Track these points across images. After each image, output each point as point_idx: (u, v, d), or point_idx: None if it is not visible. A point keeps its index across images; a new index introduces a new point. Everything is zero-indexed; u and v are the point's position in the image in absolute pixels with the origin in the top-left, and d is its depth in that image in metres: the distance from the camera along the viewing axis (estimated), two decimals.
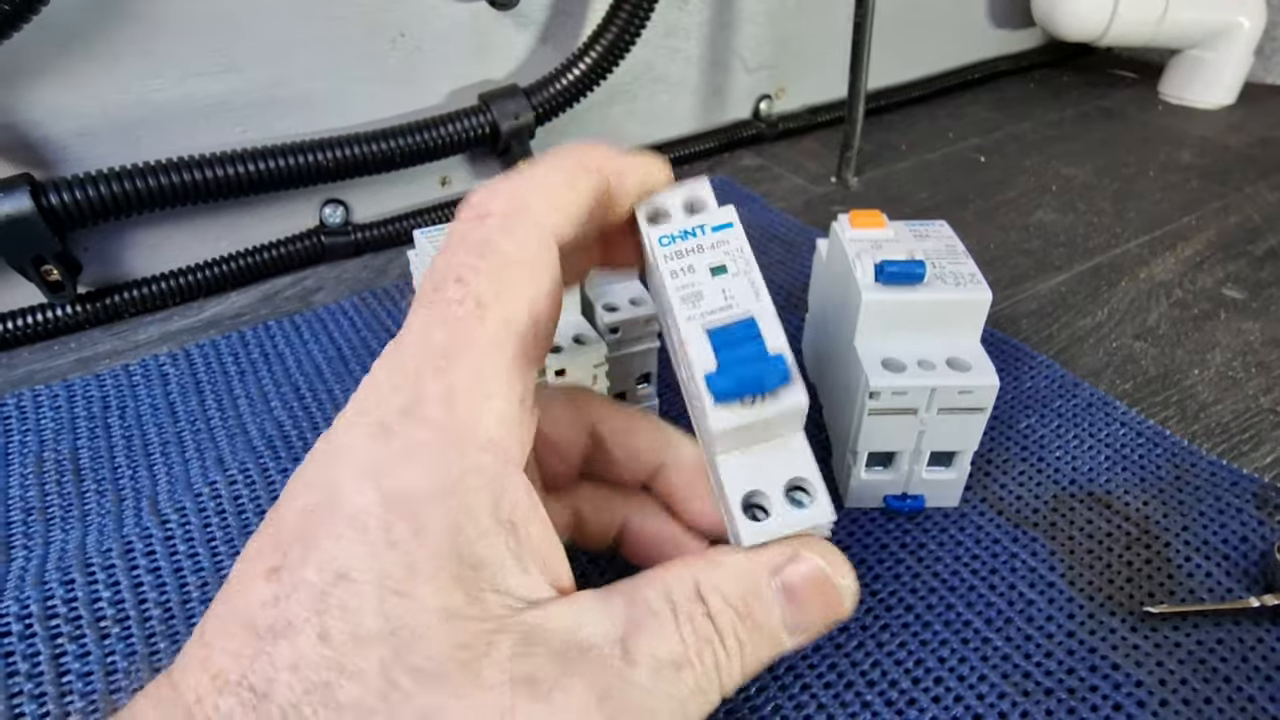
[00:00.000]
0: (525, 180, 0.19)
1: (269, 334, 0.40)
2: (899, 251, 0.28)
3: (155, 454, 0.33)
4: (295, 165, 0.42)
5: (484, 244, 0.18)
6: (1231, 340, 0.40)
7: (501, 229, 0.18)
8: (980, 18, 0.74)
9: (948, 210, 0.53)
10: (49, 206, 0.37)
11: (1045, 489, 0.31)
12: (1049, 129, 0.66)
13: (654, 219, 0.21)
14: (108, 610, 0.26)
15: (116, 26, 0.37)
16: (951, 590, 0.27)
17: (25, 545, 0.29)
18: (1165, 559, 0.28)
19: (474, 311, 0.17)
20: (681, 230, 0.20)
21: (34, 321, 0.40)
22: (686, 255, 0.20)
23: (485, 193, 0.19)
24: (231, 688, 0.14)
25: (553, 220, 0.19)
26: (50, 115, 0.38)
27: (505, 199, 0.18)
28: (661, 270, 0.20)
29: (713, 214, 0.21)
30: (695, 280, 0.20)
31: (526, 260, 0.18)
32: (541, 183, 0.19)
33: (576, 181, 0.19)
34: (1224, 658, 0.25)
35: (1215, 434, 0.35)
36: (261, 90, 0.42)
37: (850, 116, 0.55)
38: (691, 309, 0.19)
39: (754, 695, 0.24)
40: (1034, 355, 0.38)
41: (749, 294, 0.20)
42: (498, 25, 0.48)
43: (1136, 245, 0.49)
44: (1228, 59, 0.68)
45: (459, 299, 0.17)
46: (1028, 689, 0.24)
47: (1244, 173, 0.58)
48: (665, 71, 0.57)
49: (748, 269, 0.20)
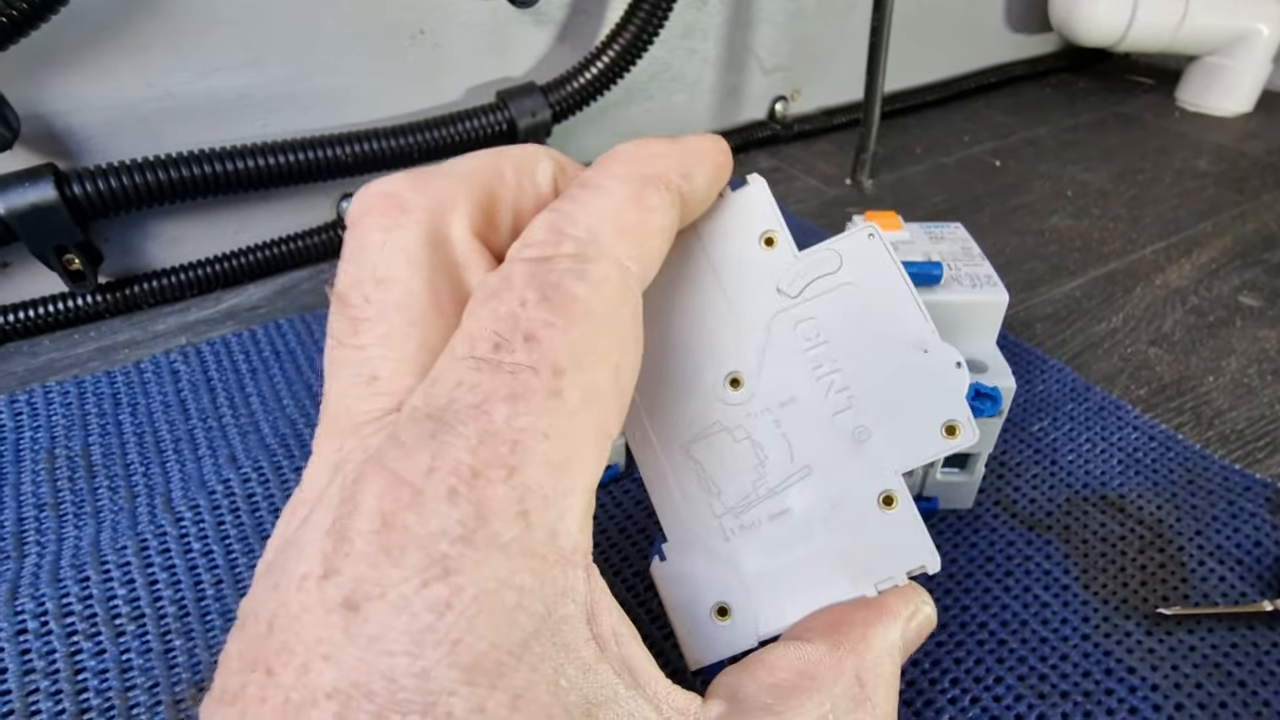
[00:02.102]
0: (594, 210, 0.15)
1: (280, 332, 0.40)
2: (915, 253, 0.28)
3: (168, 451, 0.33)
4: (314, 159, 0.42)
5: (556, 292, 0.14)
6: (1247, 347, 0.40)
7: (577, 274, 0.14)
8: (997, 22, 0.74)
9: (963, 214, 0.53)
10: (72, 196, 0.37)
11: (1059, 492, 0.31)
12: (1065, 134, 0.66)
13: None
14: (123, 608, 0.26)
15: (143, 20, 0.38)
16: (966, 592, 0.27)
17: (39, 542, 0.29)
18: (1179, 563, 0.28)
19: (551, 383, 0.13)
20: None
21: (55, 310, 0.40)
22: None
23: (547, 227, 0.15)
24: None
25: (637, 260, 0.15)
26: (75, 106, 0.38)
27: (575, 238, 0.15)
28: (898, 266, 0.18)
29: None
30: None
31: (609, 313, 0.14)
32: (615, 211, 0.15)
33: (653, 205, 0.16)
34: (1239, 661, 0.25)
35: (1230, 440, 0.34)
36: (282, 85, 0.43)
37: (866, 119, 0.55)
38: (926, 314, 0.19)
39: None
40: (1046, 359, 0.38)
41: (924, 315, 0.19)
42: (516, 23, 0.48)
43: (1152, 251, 0.49)
44: (1246, 66, 0.68)
45: (531, 364, 0.13)
46: (1044, 691, 0.24)
47: (1261, 180, 0.58)
48: (682, 71, 0.57)
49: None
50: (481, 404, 0.13)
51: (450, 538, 0.12)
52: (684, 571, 0.18)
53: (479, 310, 0.14)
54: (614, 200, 0.15)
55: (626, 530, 0.29)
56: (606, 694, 0.13)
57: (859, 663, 0.16)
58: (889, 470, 0.17)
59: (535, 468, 0.13)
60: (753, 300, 0.18)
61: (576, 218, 0.15)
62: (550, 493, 0.13)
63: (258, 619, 0.13)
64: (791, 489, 0.18)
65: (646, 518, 0.30)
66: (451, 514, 0.12)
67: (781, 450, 0.18)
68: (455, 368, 0.13)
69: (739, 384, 0.18)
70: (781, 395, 0.18)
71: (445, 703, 0.11)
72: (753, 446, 0.18)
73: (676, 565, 0.19)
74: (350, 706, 0.11)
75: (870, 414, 0.18)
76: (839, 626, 0.17)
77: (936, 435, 0.17)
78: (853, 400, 0.18)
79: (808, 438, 0.18)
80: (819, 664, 0.16)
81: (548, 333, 0.13)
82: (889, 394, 0.18)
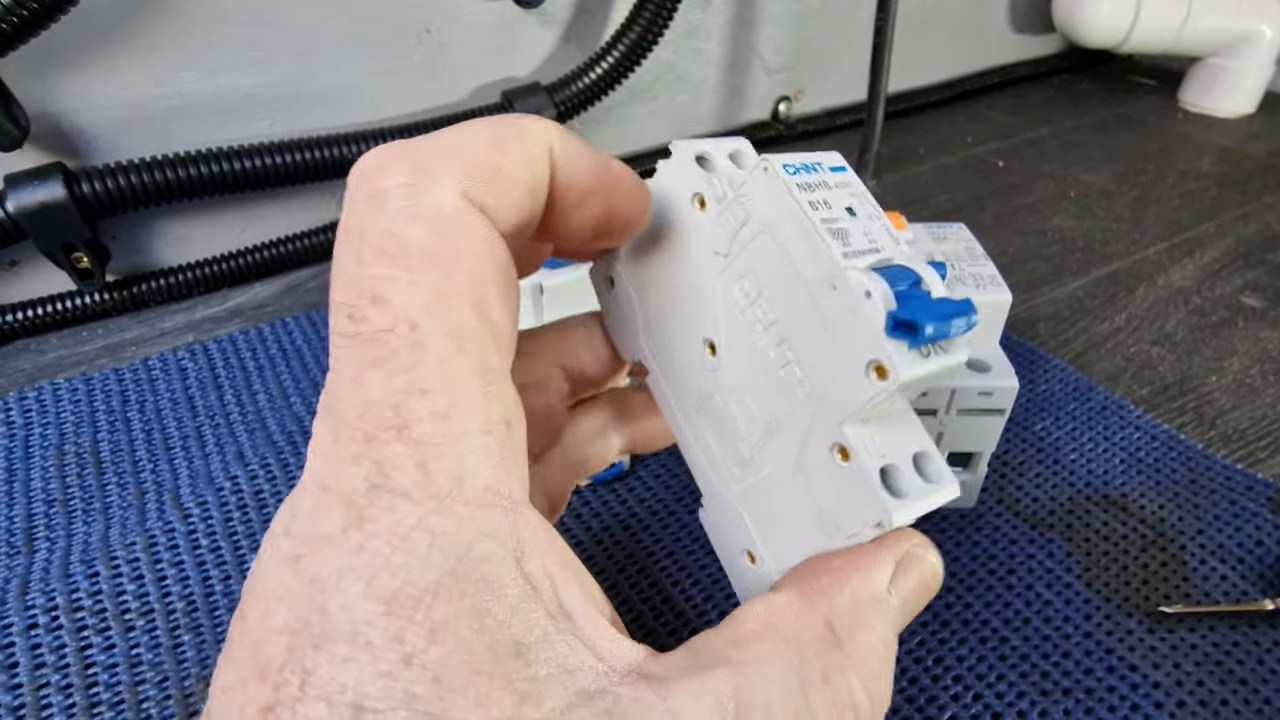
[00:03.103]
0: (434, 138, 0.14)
1: (286, 329, 0.40)
2: (918, 253, 0.28)
3: (175, 448, 0.33)
4: (320, 158, 0.43)
5: (389, 239, 0.13)
6: (1250, 348, 0.40)
7: (407, 212, 0.14)
8: (1000, 23, 0.75)
9: (966, 214, 0.54)
10: (81, 194, 0.37)
11: (1061, 491, 0.31)
12: (1068, 135, 0.66)
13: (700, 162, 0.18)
14: (132, 603, 0.27)
15: (151, 20, 0.38)
16: (970, 590, 0.27)
17: (48, 538, 0.29)
18: (1180, 561, 0.28)
19: (409, 338, 0.13)
20: (800, 164, 0.17)
21: (64, 308, 0.40)
22: (817, 189, 0.16)
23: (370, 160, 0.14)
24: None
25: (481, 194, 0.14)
26: (84, 105, 0.38)
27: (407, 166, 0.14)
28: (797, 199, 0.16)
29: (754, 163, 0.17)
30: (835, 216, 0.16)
31: (454, 249, 0.14)
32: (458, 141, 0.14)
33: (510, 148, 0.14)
34: (1240, 660, 0.25)
35: (1232, 440, 0.35)
36: (290, 84, 0.43)
37: (869, 119, 0.55)
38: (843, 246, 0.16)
39: None
40: (1049, 359, 0.38)
41: (890, 241, 0.16)
42: (522, 23, 0.49)
43: (1155, 252, 0.49)
44: (1249, 67, 0.68)
45: (386, 326, 0.13)
46: (1046, 688, 0.24)
47: (1264, 181, 0.58)
48: (686, 71, 0.57)
49: (878, 214, 0.17)
50: (357, 377, 0.13)
51: (360, 491, 0.13)
52: (715, 519, 0.19)
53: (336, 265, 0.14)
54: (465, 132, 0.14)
55: (630, 528, 0.29)
56: (536, 634, 0.13)
57: (829, 609, 0.15)
58: (833, 422, 0.16)
59: (421, 422, 0.13)
60: (700, 266, 0.18)
61: (415, 145, 0.14)
62: (442, 440, 0.13)
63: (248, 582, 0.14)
64: (765, 449, 0.18)
65: (650, 515, 0.30)
66: (358, 472, 0.13)
67: (749, 411, 0.18)
68: (333, 342, 0.14)
69: (714, 350, 0.18)
70: (741, 356, 0.18)
71: (365, 631, 0.12)
72: (731, 409, 0.18)
73: (710, 514, 0.20)
74: (297, 637, 0.12)
75: (806, 364, 0.16)
76: (810, 575, 0.16)
77: (863, 378, 0.15)
78: (792, 352, 0.17)
79: (765, 396, 0.17)
80: (784, 611, 0.15)
81: (389, 287, 0.13)
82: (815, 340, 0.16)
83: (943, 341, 0.15)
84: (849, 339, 0.15)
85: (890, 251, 0.16)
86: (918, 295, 0.15)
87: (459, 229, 0.14)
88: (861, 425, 0.16)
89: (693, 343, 0.19)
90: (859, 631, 0.15)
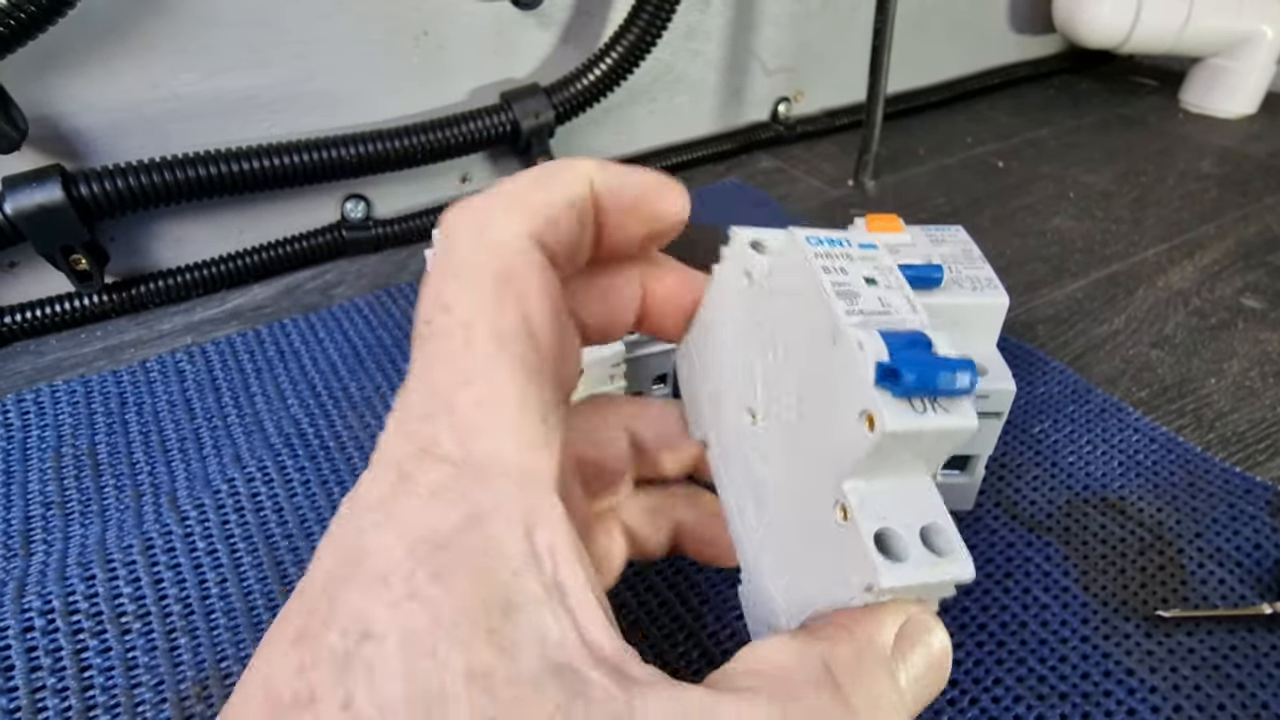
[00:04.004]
0: (492, 191, 0.18)
1: (284, 332, 0.40)
2: (916, 256, 0.28)
3: (173, 450, 0.33)
4: (318, 160, 0.43)
5: (454, 260, 0.17)
6: (1249, 350, 0.40)
7: (470, 242, 0.17)
8: (1000, 23, 0.74)
9: (965, 215, 0.53)
10: (79, 197, 0.37)
11: (1059, 494, 0.31)
12: (1068, 135, 0.66)
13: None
14: (129, 606, 0.27)
15: (149, 22, 0.38)
16: (966, 593, 0.27)
17: (45, 540, 0.29)
18: (1178, 565, 0.28)
19: (465, 336, 0.16)
20: (827, 238, 0.18)
21: (62, 310, 0.40)
22: (837, 259, 0.17)
23: (451, 210, 0.18)
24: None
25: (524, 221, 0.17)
26: (82, 107, 0.38)
27: (470, 212, 0.18)
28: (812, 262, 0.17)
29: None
30: (848, 281, 0.17)
31: (503, 265, 0.17)
32: (509, 188, 0.18)
33: (552, 184, 0.18)
34: (1237, 664, 0.25)
35: (1231, 443, 0.35)
36: (288, 86, 0.43)
37: (868, 120, 0.55)
38: (850, 305, 0.16)
39: None
40: (1048, 361, 0.38)
41: (907, 307, 0.17)
42: (520, 25, 0.49)
43: (1154, 253, 0.49)
44: (1250, 68, 0.68)
45: (448, 329, 0.16)
46: (1042, 692, 0.24)
47: (1264, 183, 0.58)
48: (685, 73, 0.57)
49: (902, 285, 0.17)
50: (424, 372, 0.16)
51: (409, 456, 0.15)
52: (749, 592, 0.20)
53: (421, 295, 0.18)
54: (514, 181, 0.18)
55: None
56: (526, 600, 0.14)
57: (829, 652, 0.15)
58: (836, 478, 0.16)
59: (464, 408, 0.16)
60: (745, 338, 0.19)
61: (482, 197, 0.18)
62: (479, 425, 0.16)
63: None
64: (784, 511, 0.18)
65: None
66: (411, 442, 0.16)
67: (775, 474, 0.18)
68: (412, 348, 0.17)
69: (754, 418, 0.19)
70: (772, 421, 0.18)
71: (387, 569, 0.14)
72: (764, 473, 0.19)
73: (745, 588, 0.20)
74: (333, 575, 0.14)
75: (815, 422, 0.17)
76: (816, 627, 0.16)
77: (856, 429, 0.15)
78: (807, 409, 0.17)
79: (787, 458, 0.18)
80: (781, 650, 0.15)
81: (452, 297, 0.17)
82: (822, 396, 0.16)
83: (943, 400, 0.15)
84: (845, 391, 0.15)
85: (903, 317, 0.16)
86: (916, 351, 0.15)
87: (514, 255, 0.17)
88: (865, 483, 0.15)
89: (741, 414, 0.20)
90: (863, 682, 0.15)
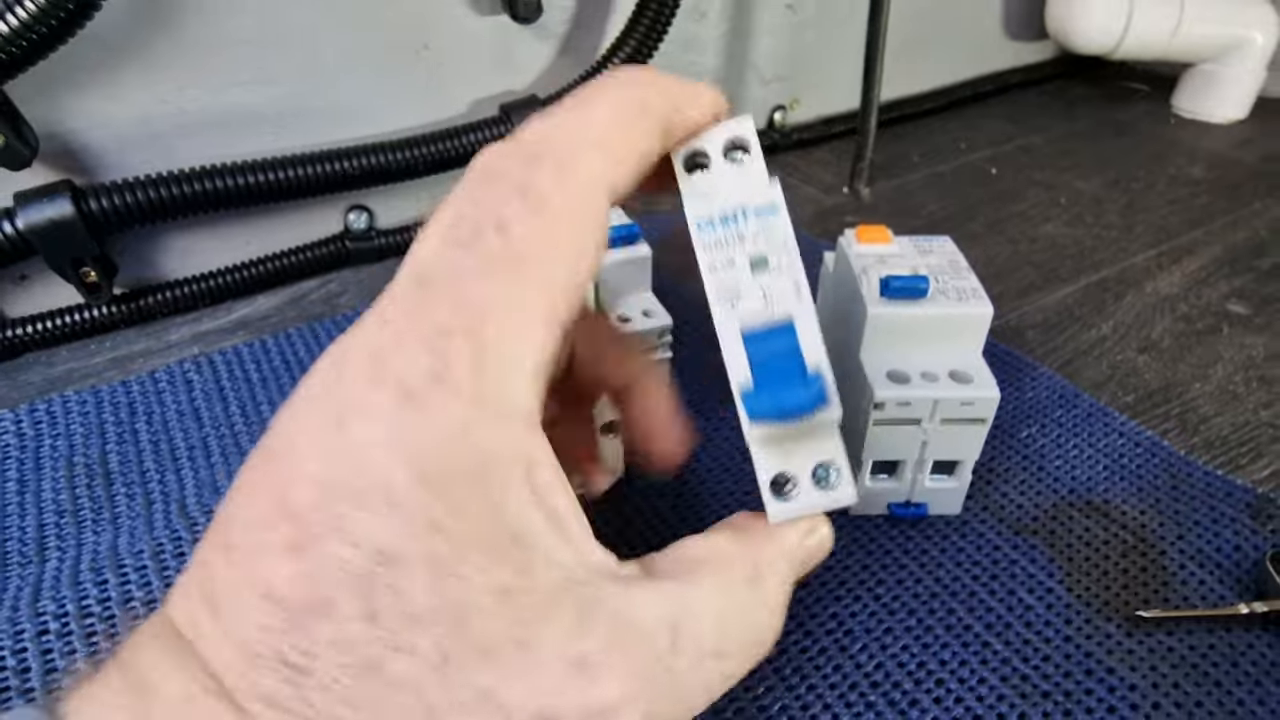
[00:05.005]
0: (583, 122, 0.17)
1: (289, 341, 0.41)
2: (903, 267, 0.29)
3: (183, 458, 0.34)
4: (322, 173, 0.43)
5: (532, 192, 0.16)
6: (1234, 355, 0.41)
7: (555, 179, 0.17)
8: (994, 30, 0.75)
9: (958, 222, 0.54)
10: (88, 211, 0.38)
11: (1045, 497, 0.32)
12: (1060, 141, 0.67)
13: (691, 166, 0.20)
14: (141, 610, 0.27)
15: (157, 40, 0.39)
16: (953, 595, 0.28)
17: (59, 547, 0.30)
18: (1160, 566, 0.29)
19: (515, 269, 0.16)
20: (721, 216, 0.19)
21: (72, 321, 0.41)
22: (726, 246, 0.19)
23: (538, 130, 0.17)
24: (268, 663, 0.14)
25: (609, 175, 0.17)
26: (92, 124, 0.39)
27: (559, 145, 0.17)
28: (700, 261, 0.19)
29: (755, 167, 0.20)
30: (733, 276, 0.19)
31: (575, 217, 0.17)
32: (599, 127, 0.17)
33: (638, 129, 0.18)
34: (1215, 663, 0.26)
35: (1215, 446, 0.35)
36: (292, 100, 0.44)
37: (862, 129, 0.56)
38: (729, 309, 0.19)
39: (761, 695, 0.25)
40: (1036, 366, 0.39)
41: (790, 292, 0.19)
42: (519, 38, 0.50)
43: (1143, 259, 0.50)
44: (1240, 73, 0.69)
45: (499, 252, 0.16)
46: (1025, 691, 0.25)
47: (1254, 188, 0.59)
48: None
49: (790, 264, 0.19)
50: (457, 276, 0.16)
51: (420, 377, 0.15)
52: None
53: (464, 191, 0.17)
54: (603, 115, 0.18)
55: (625, 535, 0.30)
56: (534, 529, 0.16)
57: (757, 554, 0.19)
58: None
59: (493, 334, 0.15)
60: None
61: (566, 126, 0.17)
62: (503, 356, 0.16)
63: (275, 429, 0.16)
64: None
65: (645, 526, 0.31)
66: (424, 359, 0.15)
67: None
68: (436, 242, 0.16)
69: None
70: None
71: (400, 498, 0.14)
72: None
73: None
74: (331, 491, 0.14)
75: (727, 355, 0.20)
76: (744, 527, 0.20)
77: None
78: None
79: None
80: (723, 549, 0.19)
81: (519, 227, 0.16)
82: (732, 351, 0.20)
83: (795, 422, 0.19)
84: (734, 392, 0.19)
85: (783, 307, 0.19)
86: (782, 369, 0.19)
87: (586, 203, 0.17)
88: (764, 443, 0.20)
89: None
90: (772, 576, 0.19)
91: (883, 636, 0.27)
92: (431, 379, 0.15)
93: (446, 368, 0.15)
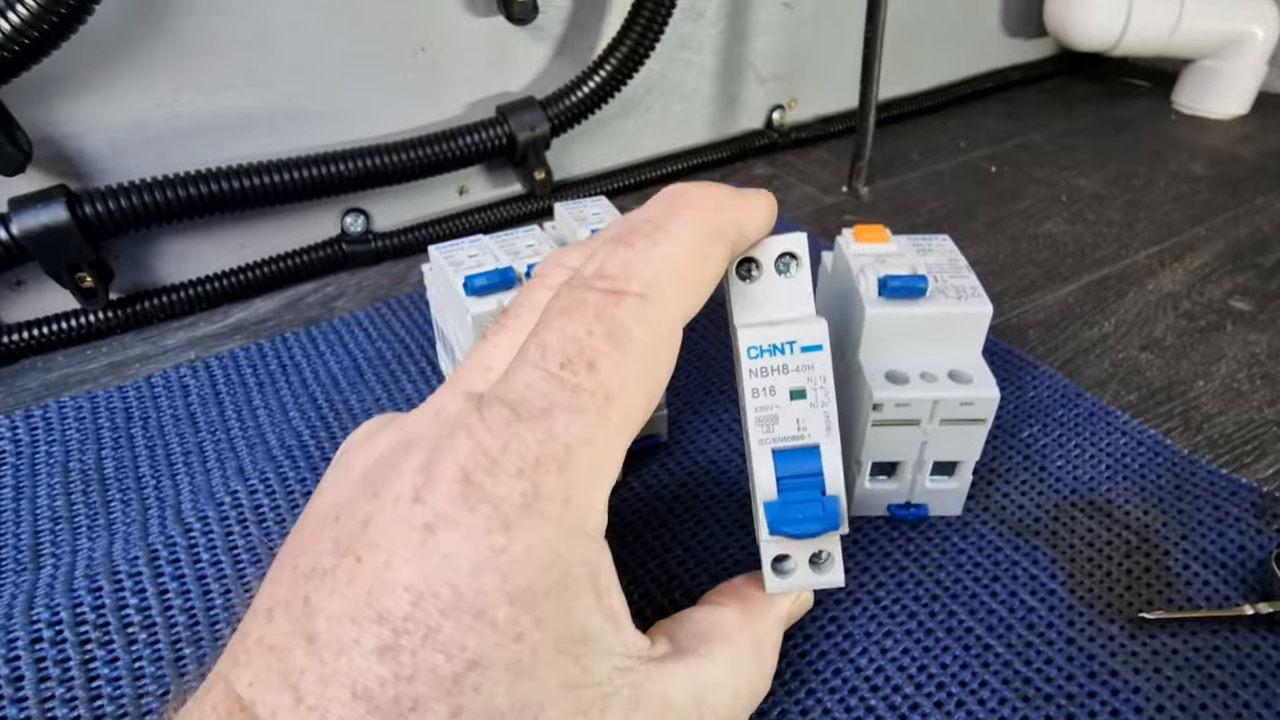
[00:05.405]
0: (662, 256, 0.19)
1: (286, 346, 0.41)
2: (902, 266, 0.29)
3: (178, 464, 0.34)
4: (317, 176, 0.43)
5: (619, 329, 0.18)
6: (1238, 352, 0.41)
7: (637, 316, 0.18)
8: (993, 27, 0.75)
9: (958, 220, 0.54)
10: (84, 216, 0.38)
11: (1047, 498, 0.32)
12: (1061, 139, 0.67)
13: (743, 274, 0.22)
14: (135, 617, 0.27)
15: (150, 43, 0.39)
16: (954, 598, 0.28)
17: (54, 554, 0.30)
18: (1164, 567, 0.29)
19: (602, 406, 0.17)
20: (770, 345, 0.21)
21: (68, 327, 0.41)
22: (770, 374, 0.21)
23: (622, 264, 0.18)
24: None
25: (685, 306, 0.19)
26: (86, 129, 0.39)
27: (643, 280, 0.18)
28: (744, 385, 0.21)
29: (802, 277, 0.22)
30: (774, 404, 0.21)
31: (655, 352, 0.18)
32: (678, 262, 0.19)
33: (710, 258, 0.19)
34: (1220, 664, 0.26)
35: (1219, 445, 0.35)
36: (287, 103, 0.44)
37: (860, 128, 0.56)
38: (765, 432, 0.21)
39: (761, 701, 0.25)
40: (1037, 365, 0.39)
41: (821, 425, 0.21)
42: (515, 39, 0.49)
43: (1145, 256, 0.49)
44: (1241, 69, 0.69)
45: (589, 389, 0.17)
46: (1028, 694, 0.25)
47: (1255, 183, 0.58)
48: (679, 83, 0.58)
49: (826, 399, 0.21)
50: (549, 410, 0.17)
51: (513, 503, 0.16)
52: None
53: (553, 323, 0.18)
54: (681, 249, 0.19)
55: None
56: (595, 630, 0.18)
57: (759, 625, 0.23)
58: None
59: (580, 468, 0.17)
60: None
61: (649, 259, 0.18)
62: (587, 487, 0.17)
63: (353, 516, 0.17)
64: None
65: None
66: (517, 486, 0.17)
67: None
68: (528, 372, 0.18)
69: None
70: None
71: (491, 613, 0.16)
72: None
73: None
74: (424, 601, 0.16)
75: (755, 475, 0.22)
76: (747, 598, 0.24)
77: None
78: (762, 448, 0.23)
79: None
80: (731, 623, 0.23)
81: (606, 363, 0.17)
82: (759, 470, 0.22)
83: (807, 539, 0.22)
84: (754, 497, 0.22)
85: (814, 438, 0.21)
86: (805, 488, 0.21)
87: (666, 341, 0.19)
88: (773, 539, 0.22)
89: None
90: (769, 642, 0.23)
91: (883, 640, 0.26)
92: (523, 507, 0.17)
93: (538, 497, 0.17)
